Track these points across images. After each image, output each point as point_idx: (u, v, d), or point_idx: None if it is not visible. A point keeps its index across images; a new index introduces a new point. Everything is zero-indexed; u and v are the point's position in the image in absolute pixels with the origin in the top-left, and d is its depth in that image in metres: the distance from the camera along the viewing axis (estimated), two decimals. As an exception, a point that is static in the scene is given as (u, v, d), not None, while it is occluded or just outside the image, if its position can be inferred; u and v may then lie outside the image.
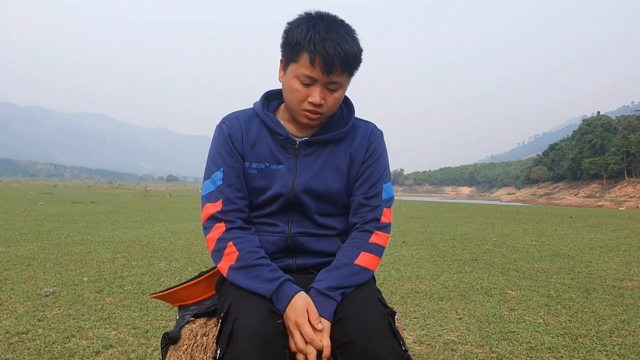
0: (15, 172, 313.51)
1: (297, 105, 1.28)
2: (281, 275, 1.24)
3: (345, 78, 1.27)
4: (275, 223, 1.36)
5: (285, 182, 1.33)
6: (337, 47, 1.19)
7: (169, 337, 1.31)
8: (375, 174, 1.37)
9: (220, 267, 1.28)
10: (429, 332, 2.95)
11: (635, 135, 74.92)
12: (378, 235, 1.33)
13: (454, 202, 43.16)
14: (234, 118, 1.38)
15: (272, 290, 1.20)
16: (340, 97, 1.30)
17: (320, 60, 1.20)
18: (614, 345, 2.74)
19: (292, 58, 1.25)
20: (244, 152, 1.35)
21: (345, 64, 1.23)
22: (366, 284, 1.30)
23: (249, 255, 1.25)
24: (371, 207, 1.35)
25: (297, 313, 1.15)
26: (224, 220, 1.30)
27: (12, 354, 2.42)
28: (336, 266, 1.28)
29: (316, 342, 1.13)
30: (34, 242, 6.74)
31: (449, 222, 12.91)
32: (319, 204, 1.36)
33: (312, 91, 1.25)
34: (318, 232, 1.37)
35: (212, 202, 1.31)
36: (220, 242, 1.28)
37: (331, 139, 1.36)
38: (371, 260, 1.30)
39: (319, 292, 1.21)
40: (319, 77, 1.23)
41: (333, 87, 1.26)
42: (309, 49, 1.20)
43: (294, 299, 1.18)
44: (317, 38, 1.19)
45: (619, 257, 6.46)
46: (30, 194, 31.50)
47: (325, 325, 1.17)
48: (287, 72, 1.29)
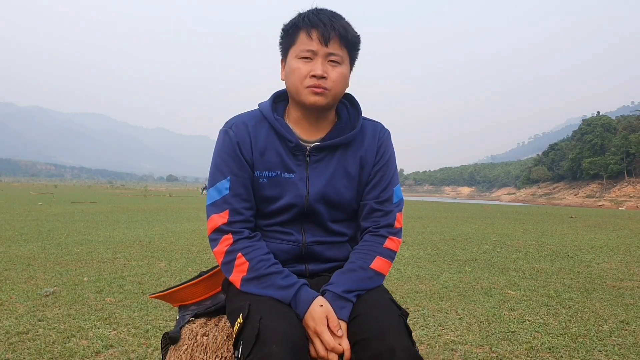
0: (15, 172, 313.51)
1: (300, 83, 1.25)
2: (296, 281, 1.23)
3: (344, 53, 1.27)
4: (289, 232, 1.34)
5: (298, 192, 1.31)
6: (332, 19, 1.24)
7: (169, 337, 1.31)
8: (386, 177, 1.37)
9: (232, 280, 1.26)
10: (429, 332, 2.95)
11: (635, 135, 74.89)
12: (392, 240, 1.34)
13: (454, 202, 43.16)
14: (241, 123, 1.32)
15: (290, 298, 1.19)
16: (344, 74, 1.28)
17: (316, 32, 1.23)
18: (614, 345, 2.74)
19: (291, 42, 1.28)
20: (253, 160, 1.31)
21: (343, 36, 1.25)
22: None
23: (260, 265, 1.24)
24: (384, 212, 1.35)
25: (317, 321, 1.15)
26: (230, 232, 1.27)
27: (12, 354, 2.42)
28: (351, 269, 1.27)
29: (337, 348, 1.13)
30: (34, 242, 6.74)
31: (449, 222, 12.91)
32: (332, 211, 1.35)
33: (314, 64, 1.24)
34: (330, 240, 1.37)
35: (217, 212, 1.28)
36: (229, 255, 1.26)
37: (340, 144, 1.34)
38: (384, 265, 1.31)
39: (336, 295, 1.21)
40: (318, 49, 1.24)
41: (334, 59, 1.25)
42: (304, 25, 1.25)
43: (312, 305, 1.17)
44: (312, 14, 1.25)
45: (619, 257, 6.46)
46: (31, 194, 31.51)
47: (342, 327, 1.17)
48: (287, 60, 1.29)
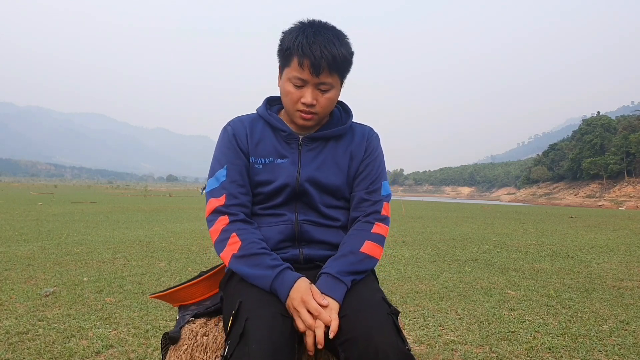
0: (15, 172, 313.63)
1: (292, 107, 1.35)
2: (282, 263, 1.28)
3: (335, 79, 1.34)
4: (282, 213, 1.41)
5: (290, 173, 1.39)
6: (324, 50, 1.27)
7: (169, 337, 1.31)
8: (375, 171, 1.45)
9: (222, 256, 1.32)
10: (429, 332, 2.95)
11: (635, 135, 74.89)
12: (379, 226, 1.40)
13: (454, 202, 43.16)
14: (238, 121, 1.45)
15: (274, 276, 1.23)
16: (333, 98, 1.36)
17: (308, 63, 1.28)
18: (614, 345, 2.74)
19: (285, 63, 1.34)
20: (248, 150, 1.41)
21: (333, 66, 1.29)
22: (369, 283, 1.32)
23: (252, 245, 1.29)
24: (372, 202, 1.42)
25: (302, 292, 1.19)
26: (227, 214, 1.35)
27: (12, 354, 2.42)
28: (342, 254, 1.33)
29: (323, 315, 1.15)
30: (34, 242, 6.74)
31: (449, 222, 12.91)
32: (322, 194, 1.42)
33: (304, 92, 1.32)
34: (323, 222, 1.42)
35: (215, 197, 1.37)
36: (224, 233, 1.32)
37: (331, 136, 1.43)
38: (375, 248, 1.36)
39: (331, 276, 1.26)
40: (309, 79, 1.30)
41: (324, 88, 1.33)
42: (297, 53, 1.29)
43: (297, 282, 1.22)
44: (305, 42, 1.28)
45: (619, 257, 6.46)
46: (31, 194, 31.51)
47: (334, 306, 1.19)
48: (282, 77, 1.37)
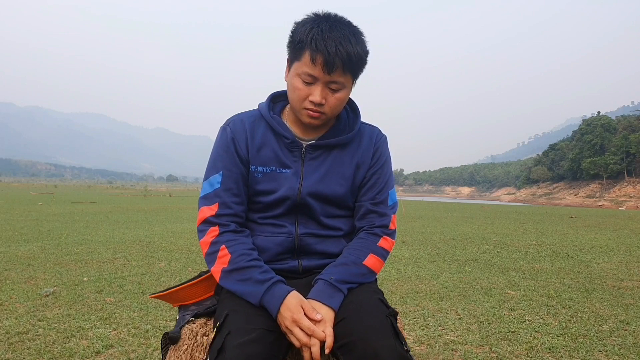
0: (15, 172, 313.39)
1: (299, 104, 1.27)
2: (272, 276, 1.23)
3: (348, 79, 1.25)
4: (282, 224, 1.36)
5: (292, 185, 1.33)
6: (339, 47, 1.18)
7: (169, 337, 1.31)
8: (382, 180, 1.39)
9: (213, 271, 1.28)
10: (429, 332, 2.95)
11: (635, 135, 74.89)
12: (386, 240, 1.35)
13: (454, 202, 43.15)
14: (239, 121, 1.37)
15: (263, 292, 1.19)
16: (343, 98, 1.28)
17: (321, 59, 1.19)
18: (614, 345, 2.74)
19: (296, 57, 1.25)
20: (248, 156, 1.34)
21: (347, 64, 1.21)
22: (368, 284, 1.31)
23: (241, 258, 1.25)
24: (379, 214, 1.37)
25: (293, 310, 1.14)
26: (217, 224, 1.30)
27: (12, 354, 2.42)
28: (344, 263, 1.28)
29: (317, 332, 1.12)
30: (34, 242, 6.74)
31: (449, 222, 12.91)
32: (324, 206, 1.36)
33: (313, 90, 1.24)
34: (324, 233, 1.37)
35: (207, 205, 1.31)
36: (213, 246, 1.28)
37: (337, 144, 1.36)
38: (377, 263, 1.32)
39: (328, 284, 1.22)
40: (320, 76, 1.22)
41: (335, 87, 1.25)
42: (310, 47, 1.19)
43: (287, 298, 1.17)
44: (319, 36, 1.18)
45: (619, 257, 6.46)
46: (31, 194, 31.50)
47: (330, 315, 1.16)
48: (290, 71, 1.28)
